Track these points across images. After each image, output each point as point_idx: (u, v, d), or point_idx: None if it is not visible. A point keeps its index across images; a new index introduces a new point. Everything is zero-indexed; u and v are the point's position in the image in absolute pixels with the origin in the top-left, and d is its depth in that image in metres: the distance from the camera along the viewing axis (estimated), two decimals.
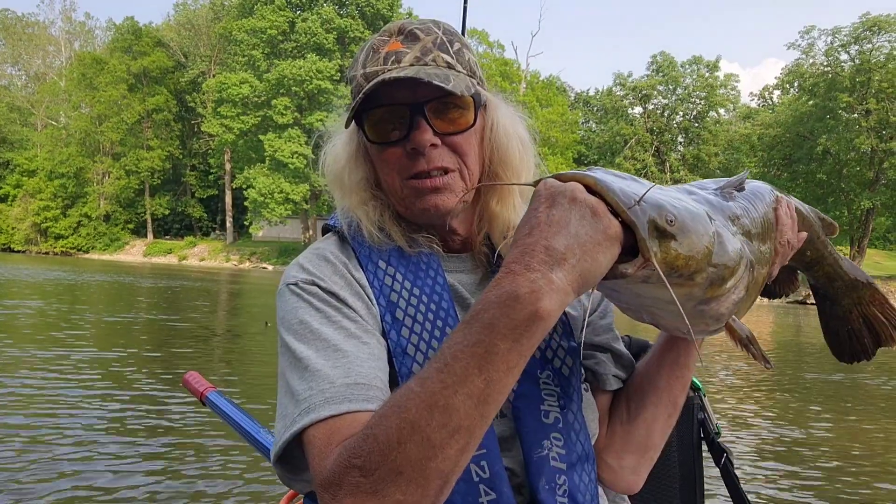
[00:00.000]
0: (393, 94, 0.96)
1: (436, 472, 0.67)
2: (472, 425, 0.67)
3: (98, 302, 15.60)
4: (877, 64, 37.35)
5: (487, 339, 0.66)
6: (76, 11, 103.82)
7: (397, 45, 0.99)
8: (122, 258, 53.56)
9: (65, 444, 4.51)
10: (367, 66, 0.99)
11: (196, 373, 1.52)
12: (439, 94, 0.96)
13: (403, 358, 0.94)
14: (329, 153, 1.11)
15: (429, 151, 0.97)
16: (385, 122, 0.98)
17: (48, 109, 64.04)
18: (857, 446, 5.55)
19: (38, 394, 5.73)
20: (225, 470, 4.18)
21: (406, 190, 1.00)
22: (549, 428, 0.97)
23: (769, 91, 50.98)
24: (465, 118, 1.00)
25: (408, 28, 1.01)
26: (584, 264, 0.67)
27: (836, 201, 41.49)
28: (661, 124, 44.69)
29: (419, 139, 0.96)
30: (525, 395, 0.98)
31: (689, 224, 0.73)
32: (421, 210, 1.00)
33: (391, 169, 1.00)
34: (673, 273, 0.72)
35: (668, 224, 0.71)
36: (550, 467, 0.95)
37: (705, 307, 0.80)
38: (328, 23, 44.95)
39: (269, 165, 44.02)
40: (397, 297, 0.98)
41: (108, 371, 6.96)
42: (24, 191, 58.84)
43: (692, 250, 0.73)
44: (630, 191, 0.71)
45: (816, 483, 4.59)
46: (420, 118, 0.96)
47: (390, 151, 0.99)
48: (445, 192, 0.99)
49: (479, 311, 0.67)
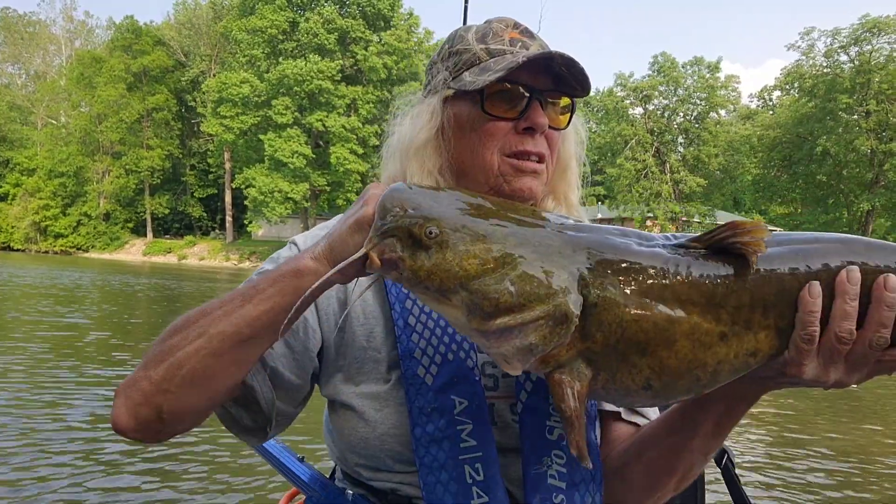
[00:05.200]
0: (519, 75, 1.00)
1: (183, 357, 0.84)
2: (216, 332, 0.83)
3: (97, 302, 15.58)
4: (877, 65, 37.35)
5: (258, 284, 0.85)
6: (77, 10, 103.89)
7: (516, 34, 1.06)
8: (121, 257, 53.54)
9: (63, 447, 4.49)
10: (488, 43, 1.04)
11: None
12: (551, 87, 1.03)
13: (410, 361, 0.97)
14: (406, 126, 1.12)
15: (537, 136, 1.03)
16: (502, 98, 1.02)
17: (48, 108, 63.98)
18: (859, 448, 5.55)
19: (33, 399, 5.72)
20: (225, 472, 4.17)
21: (504, 167, 1.03)
22: (552, 444, 0.97)
23: (768, 92, 50.99)
24: (564, 119, 1.08)
25: (521, 25, 1.08)
26: (335, 242, 0.82)
27: (835, 203, 41.49)
28: (662, 125, 44.67)
29: (539, 120, 1.01)
30: (533, 408, 0.98)
31: (453, 242, 0.73)
32: (514, 189, 1.03)
33: (493, 143, 1.03)
34: (420, 284, 0.75)
35: (427, 236, 0.74)
36: (547, 485, 0.95)
37: (485, 340, 0.73)
38: (329, 23, 44.93)
39: (269, 165, 43.99)
40: (412, 303, 1.01)
41: (105, 374, 6.95)
42: (23, 189, 58.77)
43: (439, 266, 0.73)
44: (415, 202, 0.77)
45: (817, 483, 4.59)
46: (537, 102, 1.00)
47: (498, 125, 1.03)
48: (538, 178, 1.05)
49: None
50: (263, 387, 0.96)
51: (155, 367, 0.85)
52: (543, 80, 1.02)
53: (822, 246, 0.76)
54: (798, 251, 0.76)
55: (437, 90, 1.08)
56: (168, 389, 0.84)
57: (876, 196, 38.37)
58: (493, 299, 0.70)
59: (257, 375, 0.95)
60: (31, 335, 9.35)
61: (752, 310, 0.75)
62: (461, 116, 1.05)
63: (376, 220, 0.78)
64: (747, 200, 54.76)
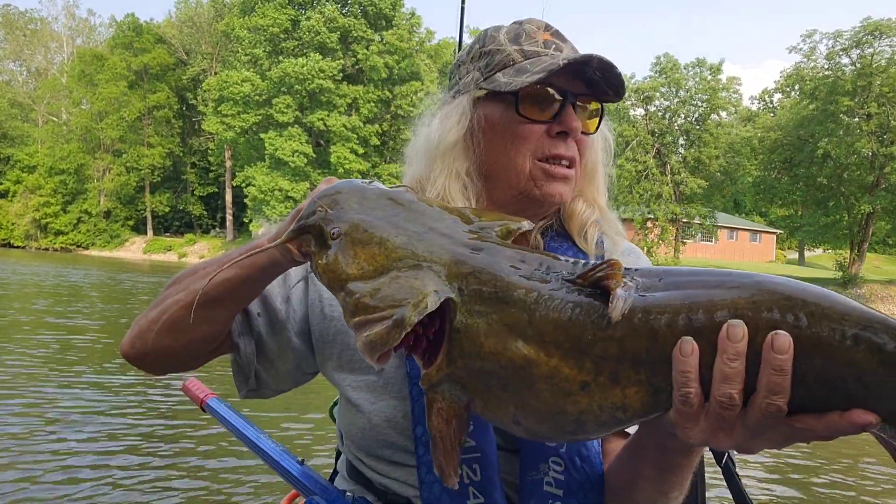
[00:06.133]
0: (552, 78, 0.99)
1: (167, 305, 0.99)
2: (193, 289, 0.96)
3: (95, 302, 15.57)
4: (878, 68, 37.37)
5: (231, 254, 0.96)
6: (79, 8, 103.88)
7: (549, 36, 1.05)
8: (121, 255, 53.52)
9: (62, 451, 4.49)
10: (522, 44, 1.04)
11: (196, 379, 1.51)
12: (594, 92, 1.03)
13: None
14: (434, 127, 1.10)
15: (569, 140, 1.02)
16: (536, 101, 1.01)
17: (49, 105, 63.93)
18: (859, 448, 5.55)
19: (34, 402, 5.71)
20: (226, 475, 4.17)
21: (536, 171, 1.02)
22: (549, 451, 0.96)
23: (769, 94, 50.99)
24: (594, 124, 1.08)
25: (553, 27, 1.08)
26: (281, 228, 0.90)
27: (836, 205, 41.46)
28: (663, 126, 44.66)
29: (573, 124, 1.01)
30: None
31: (346, 245, 0.78)
32: (545, 194, 1.03)
33: (526, 146, 1.02)
34: (322, 280, 0.81)
35: (331, 236, 0.80)
36: (543, 492, 0.94)
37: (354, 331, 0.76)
38: (331, 21, 44.93)
39: (270, 164, 44.00)
40: None
41: (106, 377, 6.94)
42: (24, 186, 58.74)
43: (330, 266, 0.78)
44: (340, 202, 0.83)
45: (817, 483, 4.59)
46: (570, 107, 1.01)
47: (532, 129, 1.02)
48: (569, 183, 1.04)
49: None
50: (247, 348, 1.08)
51: (152, 310, 1.01)
52: (577, 83, 1.02)
53: (714, 292, 0.63)
54: (684, 297, 0.64)
55: (466, 90, 1.07)
56: (153, 329, 0.99)
57: (877, 199, 38.36)
58: (356, 300, 0.73)
59: (244, 337, 1.07)
60: (26, 337, 9.35)
61: (619, 362, 0.65)
62: (492, 118, 1.04)
63: (302, 214, 0.86)
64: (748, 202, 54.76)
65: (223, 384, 6.74)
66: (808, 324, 0.59)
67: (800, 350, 0.59)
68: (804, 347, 0.59)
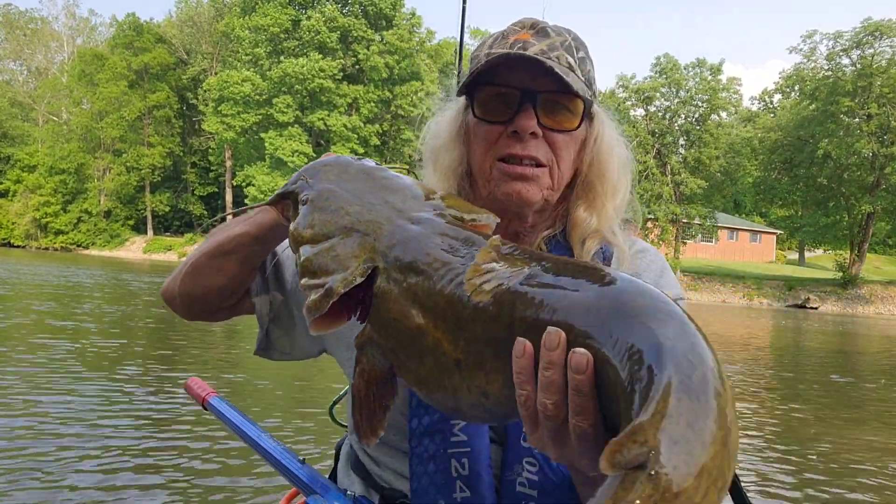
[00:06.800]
0: (510, 77, 0.98)
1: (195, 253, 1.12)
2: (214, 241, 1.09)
3: (96, 302, 15.58)
4: (878, 69, 37.39)
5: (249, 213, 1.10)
6: (79, 8, 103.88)
7: (527, 35, 1.02)
8: (121, 255, 53.53)
9: (62, 451, 4.49)
10: (493, 47, 1.03)
11: (197, 378, 1.52)
12: (553, 88, 0.98)
13: None
14: (432, 127, 1.13)
15: (528, 139, 0.99)
16: (494, 101, 1.01)
17: (49, 105, 63.95)
18: (860, 449, 5.56)
19: (33, 399, 5.71)
20: (226, 474, 4.17)
21: (495, 171, 1.01)
22: (524, 452, 0.96)
23: (769, 95, 50.99)
24: (571, 122, 1.01)
25: (541, 25, 1.04)
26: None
27: (836, 205, 41.50)
28: (663, 126, 44.67)
29: (523, 123, 0.97)
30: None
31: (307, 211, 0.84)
32: (503, 195, 1.01)
33: (486, 147, 1.02)
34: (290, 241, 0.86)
35: (301, 202, 0.87)
36: (516, 493, 0.94)
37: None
38: (331, 21, 44.94)
39: (270, 163, 44.02)
40: None
41: (108, 376, 6.96)
42: (24, 186, 58.77)
43: (294, 230, 0.84)
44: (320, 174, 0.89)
45: (817, 484, 4.60)
46: (529, 105, 0.98)
47: (491, 129, 1.01)
48: (532, 183, 1.00)
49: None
50: (263, 307, 1.17)
51: (187, 258, 1.14)
52: (543, 80, 0.97)
53: (565, 293, 0.58)
54: (542, 293, 0.60)
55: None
56: (182, 272, 1.13)
57: (877, 199, 38.39)
58: (303, 263, 0.79)
59: (262, 296, 1.17)
60: (25, 337, 9.36)
61: (484, 345, 0.63)
62: (469, 120, 1.05)
63: (288, 182, 0.94)
64: (748, 202, 54.79)
65: (224, 384, 6.75)
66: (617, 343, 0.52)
67: (605, 371, 0.53)
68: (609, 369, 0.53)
